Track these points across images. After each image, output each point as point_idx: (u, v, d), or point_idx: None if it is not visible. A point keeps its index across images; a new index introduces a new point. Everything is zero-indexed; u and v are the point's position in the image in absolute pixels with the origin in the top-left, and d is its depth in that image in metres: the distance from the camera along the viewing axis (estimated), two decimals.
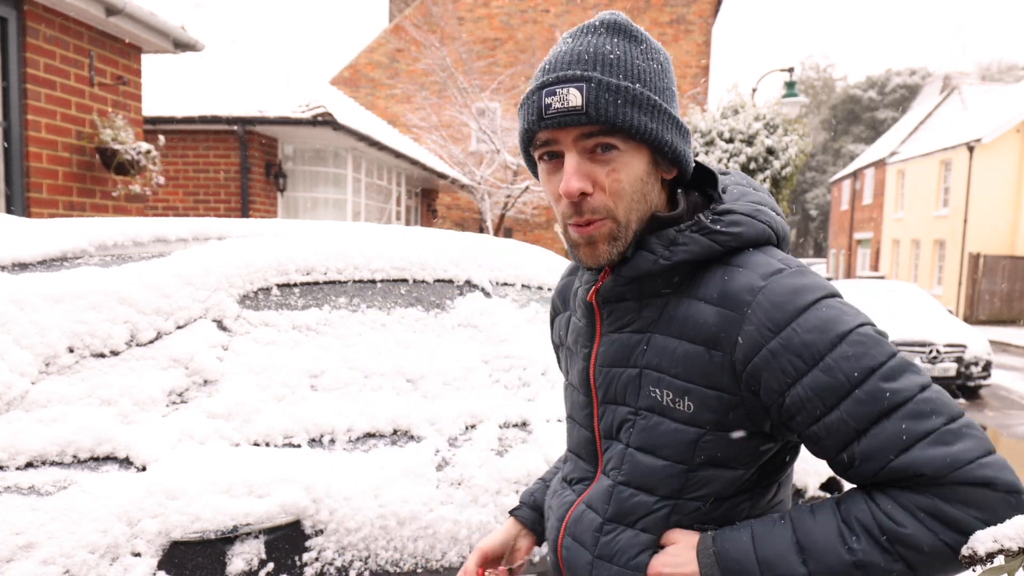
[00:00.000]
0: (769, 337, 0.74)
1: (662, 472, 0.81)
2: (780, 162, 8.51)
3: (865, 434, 0.71)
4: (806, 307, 0.74)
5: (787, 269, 0.77)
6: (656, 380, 0.81)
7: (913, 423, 0.70)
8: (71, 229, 1.40)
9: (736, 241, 0.80)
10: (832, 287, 0.77)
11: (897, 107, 36.82)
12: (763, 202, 0.84)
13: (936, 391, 0.72)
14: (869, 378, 0.71)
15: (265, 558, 1.23)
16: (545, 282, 1.93)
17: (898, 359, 0.72)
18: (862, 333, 0.73)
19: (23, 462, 1.10)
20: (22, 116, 3.74)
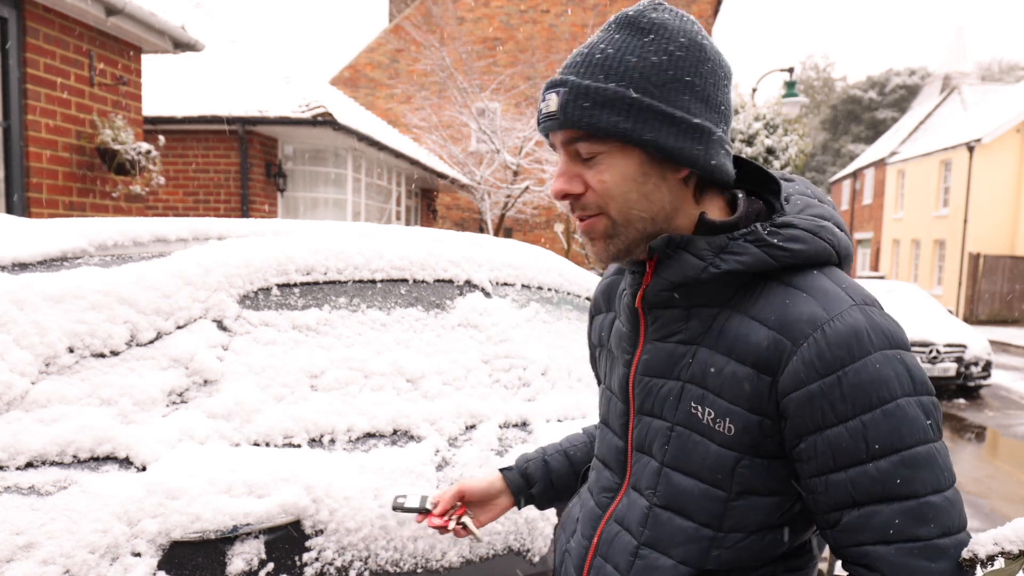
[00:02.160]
0: (814, 378, 0.70)
1: (701, 497, 0.78)
2: (780, 162, 8.50)
3: (858, 508, 0.70)
4: (863, 355, 0.69)
5: (854, 304, 0.72)
6: (700, 397, 0.78)
7: (908, 522, 0.68)
8: (71, 229, 1.40)
9: (794, 258, 0.75)
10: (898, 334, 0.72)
11: (897, 107, 36.81)
12: (828, 216, 0.79)
13: (947, 498, 0.69)
14: (888, 456, 0.68)
15: (265, 558, 1.23)
16: (545, 282, 1.93)
17: (928, 449, 0.68)
18: (902, 406, 0.68)
19: (23, 462, 1.10)
20: (22, 116, 3.74)
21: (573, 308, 1.99)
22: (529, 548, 1.56)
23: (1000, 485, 4.87)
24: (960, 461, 5.44)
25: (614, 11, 11.92)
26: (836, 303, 0.72)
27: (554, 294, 1.95)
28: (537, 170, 11.85)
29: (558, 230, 13.86)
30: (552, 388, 1.76)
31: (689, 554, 0.78)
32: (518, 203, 12.08)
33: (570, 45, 14.94)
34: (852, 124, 39.07)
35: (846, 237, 0.80)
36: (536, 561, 1.57)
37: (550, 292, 1.94)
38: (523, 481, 1.13)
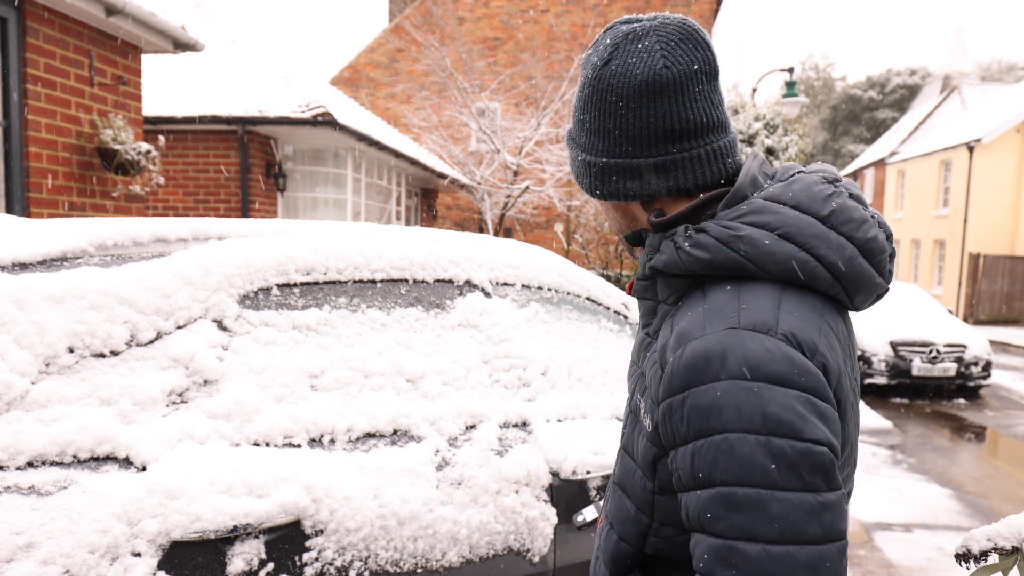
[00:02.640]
0: (669, 394, 0.70)
1: (637, 483, 0.80)
2: (780, 162, 8.51)
3: (692, 532, 0.69)
4: (710, 379, 0.67)
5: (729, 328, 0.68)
6: (643, 389, 0.80)
7: (712, 561, 0.65)
8: (71, 229, 1.40)
9: (698, 266, 0.73)
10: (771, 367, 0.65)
11: (897, 107, 36.79)
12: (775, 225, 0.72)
13: (765, 550, 0.63)
14: (708, 488, 0.66)
15: (265, 558, 1.23)
16: (545, 282, 1.93)
17: (752, 492, 0.63)
18: (730, 441, 0.65)
19: (23, 462, 1.10)
20: (22, 116, 3.74)
21: (573, 308, 1.99)
22: (529, 548, 1.56)
23: (1000, 485, 4.87)
24: (960, 461, 5.44)
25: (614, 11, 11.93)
26: (712, 323, 0.69)
27: (554, 294, 1.95)
28: (537, 170, 11.85)
29: (558, 230, 13.85)
30: (552, 388, 1.76)
31: (628, 534, 0.81)
32: (518, 203, 12.08)
33: (570, 45, 14.94)
34: (852, 124, 39.05)
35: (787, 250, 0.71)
36: (536, 561, 1.57)
37: (550, 292, 1.94)
38: None
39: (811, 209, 0.73)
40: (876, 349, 7.73)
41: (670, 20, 0.78)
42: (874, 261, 0.74)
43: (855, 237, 0.73)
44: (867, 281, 0.74)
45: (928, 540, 3.78)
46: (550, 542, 1.59)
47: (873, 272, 0.74)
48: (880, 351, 7.70)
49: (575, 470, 1.64)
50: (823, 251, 0.71)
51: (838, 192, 0.75)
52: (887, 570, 3.40)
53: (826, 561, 0.63)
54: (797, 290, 0.72)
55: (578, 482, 1.67)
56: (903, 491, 4.63)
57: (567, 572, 1.64)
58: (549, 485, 1.61)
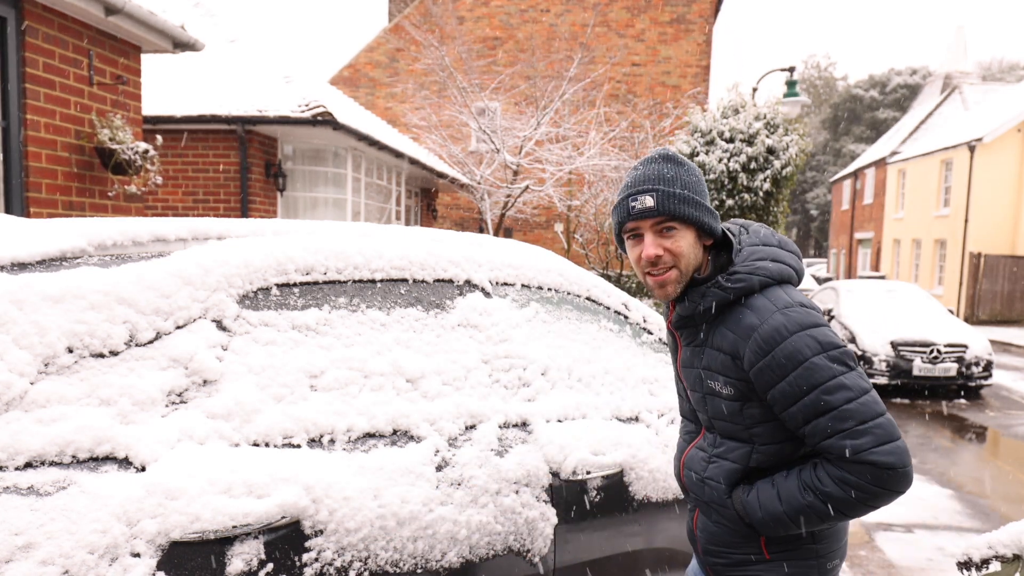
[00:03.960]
0: (759, 358, 1.22)
1: (733, 429, 1.31)
2: (780, 162, 8.49)
3: (809, 423, 1.19)
4: (782, 340, 1.20)
5: (776, 311, 1.22)
6: (711, 376, 1.31)
7: (836, 423, 1.17)
8: (70, 229, 1.40)
9: (742, 291, 1.26)
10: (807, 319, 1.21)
11: (898, 107, 36.76)
12: (766, 256, 1.29)
13: (859, 403, 1.16)
14: (814, 391, 1.18)
15: (265, 558, 1.22)
16: (545, 282, 1.93)
17: (836, 380, 1.17)
18: (815, 361, 1.18)
19: (22, 462, 1.10)
20: (21, 116, 3.74)
21: (573, 308, 1.99)
22: (529, 548, 1.56)
23: (1001, 485, 4.86)
24: (961, 461, 5.43)
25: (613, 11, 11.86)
26: (765, 313, 1.23)
27: (554, 294, 1.94)
28: (537, 170, 11.85)
29: (558, 230, 13.84)
30: (552, 388, 1.76)
31: (739, 458, 1.31)
32: (518, 203, 12.07)
33: (570, 45, 14.92)
34: (853, 124, 39.01)
35: (781, 266, 1.29)
36: (536, 561, 1.57)
37: (550, 292, 1.94)
38: None
39: (770, 242, 1.33)
40: (877, 349, 7.72)
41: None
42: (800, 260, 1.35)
43: (791, 250, 1.34)
44: (802, 272, 1.33)
45: (929, 540, 3.77)
46: (550, 542, 1.59)
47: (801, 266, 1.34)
48: (881, 351, 7.70)
49: (575, 470, 1.64)
50: (789, 261, 1.32)
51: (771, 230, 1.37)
52: (888, 570, 3.40)
53: (877, 400, 1.18)
54: (788, 285, 1.30)
55: (578, 482, 1.66)
56: None
57: (567, 572, 1.64)
58: (549, 485, 1.61)
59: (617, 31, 15.47)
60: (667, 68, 15.62)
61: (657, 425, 1.92)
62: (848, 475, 1.16)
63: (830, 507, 1.19)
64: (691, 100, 14.83)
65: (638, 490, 1.79)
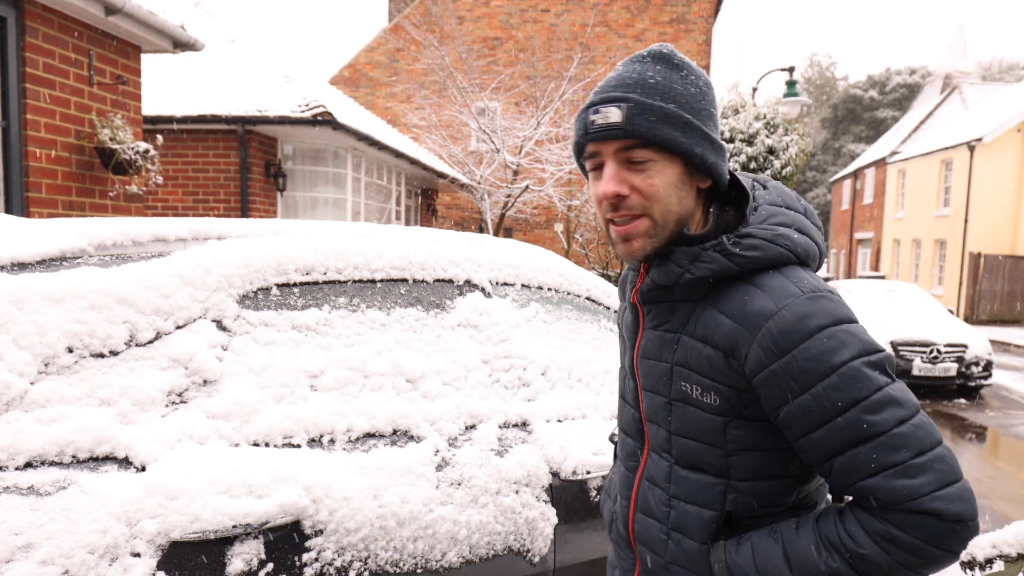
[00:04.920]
0: (773, 360, 0.84)
1: (706, 454, 0.93)
2: (780, 162, 8.50)
3: (842, 454, 0.82)
4: (808, 335, 0.83)
5: (800, 295, 0.85)
6: (687, 376, 0.93)
7: (884, 454, 0.80)
8: (70, 229, 1.40)
9: (753, 264, 0.89)
10: (842, 312, 0.85)
11: (898, 106, 36.74)
12: (790, 222, 0.92)
13: (913, 425, 0.81)
14: (851, 409, 0.81)
15: (265, 558, 1.22)
16: (545, 282, 1.93)
17: (883, 393, 0.81)
18: (854, 367, 0.81)
19: (22, 462, 1.10)
20: (21, 116, 3.74)
21: (573, 308, 1.99)
22: (529, 548, 1.56)
23: (1001, 485, 4.86)
24: (961, 461, 5.41)
25: (613, 11, 11.87)
26: (785, 297, 0.85)
27: (554, 294, 1.94)
28: (537, 170, 11.84)
29: (558, 230, 13.84)
30: (552, 388, 1.76)
31: (709, 500, 0.93)
32: (518, 203, 12.07)
33: (570, 44, 14.92)
34: (852, 123, 39.00)
35: (808, 240, 0.92)
36: (536, 561, 1.57)
37: (550, 292, 1.94)
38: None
39: (794, 206, 0.94)
40: None
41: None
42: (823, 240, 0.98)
43: (817, 224, 0.96)
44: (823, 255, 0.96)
45: None
46: (550, 542, 1.59)
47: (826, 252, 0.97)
48: None
49: (575, 470, 1.64)
50: (817, 237, 0.94)
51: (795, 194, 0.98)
52: None
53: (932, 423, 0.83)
54: (809, 268, 0.92)
55: (578, 482, 1.66)
56: None
57: (567, 572, 1.64)
58: (549, 485, 1.61)
59: (617, 31, 15.47)
60: None
61: None
62: (897, 531, 0.79)
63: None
64: None
65: None
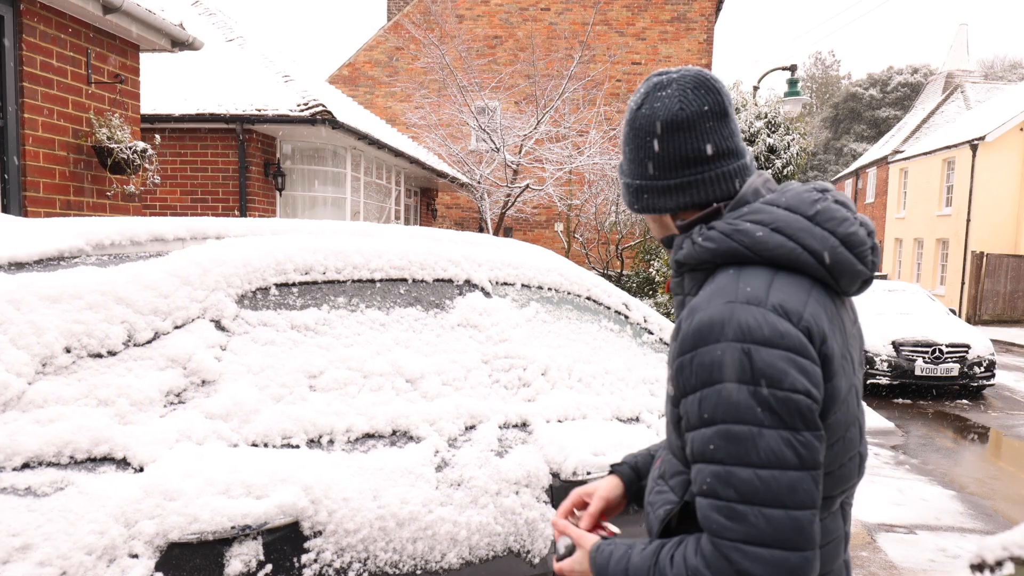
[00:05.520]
0: (683, 354, 0.87)
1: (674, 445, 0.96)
2: (782, 161, 8.48)
3: (695, 463, 0.85)
4: (711, 342, 0.83)
5: (728, 301, 0.85)
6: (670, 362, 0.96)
7: (715, 483, 0.82)
8: (68, 228, 1.39)
9: (709, 255, 0.91)
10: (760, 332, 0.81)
11: (899, 105, 36.70)
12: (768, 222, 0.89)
13: (755, 474, 0.79)
14: (711, 426, 0.83)
15: (263, 559, 1.22)
16: (545, 282, 1.92)
17: (744, 429, 0.80)
18: (729, 389, 0.81)
19: (20, 463, 1.09)
20: (19, 114, 3.73)
21: (573, 308, 1.98)
22: (529, 549, 1.55)
23: (1003, 486, 4.85)
24: (963, 462, 5.43)
25: (613, 9, 11.82)
26: (715, 298, 0.86)
27: (554, 294, 1.94)
28: (537, 169, 11.84)
29: (558, 229, 13.84)
30: (552, 388, 1.75)
31: (675, 485, 0.95)
32: (518, 202, 12.07)
33: (570, 43, 14.92)
34: (854, 122, 38.96)
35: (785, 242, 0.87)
36: (536, 562, 1.56)
37: (550, 292, 1.93)
38: (634, 475, 1.15)
39: (799, 209, 0.90)
40: (879, 349, 7.71)
41: (689, 72, 0.96)
42: (855, 252, 0.89)
43: (837, 232, 0.89)
44: (848, 267, 0.89)
45: (931, 541, 3.76)
46: (550, 543, 1.58)
47: (854, 260, 0.89)
48: (883, 351, 7.69)
49: (575, 471, 1.63)
50: (808, 241, 0.88)
51: (824, 198, 0.92)
52: (889, 571, 3.39)
53: (803, 484, 0.79)
54: (789, 273, 0.88)
55: (579, 483, 1.66)
56: (906, 492, 4.61)
57: None
58: (549, 486, 1.60)
59: (617, 30, 15.45)
60: (668, 67, 15.60)
61: (658, 426, 1.91)
62: (702, 570, 0.81)
63: None
64: None
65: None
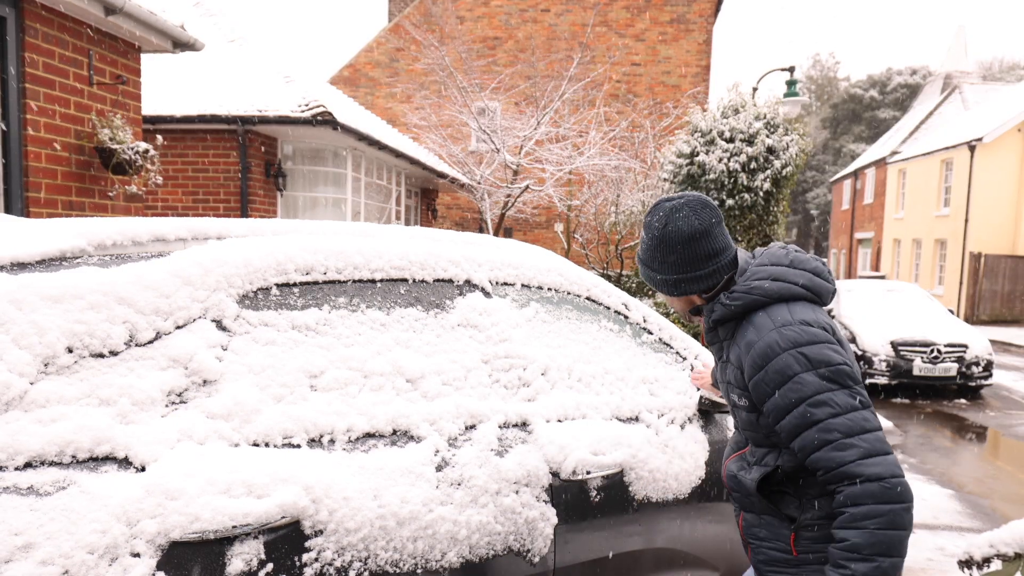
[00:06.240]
0: (755, 373, 1.33)
1: (758, 437, 1.43)
2: (780, 161, 8.48)
3: (798, 436, 1.28)
4: (774, 356, 1.30)
5: (773, 328, 1.32)
6: (732, 388, 1.44)
7: (822, 435, 1.25)
8: (70, 229, 1.40)
9: (742, 308, 1.38)
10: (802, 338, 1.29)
11: (898, 106, 36.71)
12: (766, 276, 1.39)
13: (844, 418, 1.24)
14: (800, 405, 1.27)
15: (264, 558, 1.22)
16: (545, 282, 1.93)
17: (823, 396, 1.26)
18: (800, 378, 1.27)
19: (22, 462, 1.10)
20: (21, 116, 3.74)
21: (573, 308, 1.99)
22: (529, 548, 1.56)
23: (1001, 485, 4.86)
24: (961, 461, 5.43)
25: (613, 10, 11.79)
26: (763, 330, 1.34)
27: (554, 294, 1.94)
28: (537, 169, 11.85)
29: (558, 230, 13.84)
30: (552, 388, 1.76)
31: (770, 460, 1.41)
32: (518, 203, 12.07)
33: (570, 44, 14.93)
34: (853, 123, 38.97)
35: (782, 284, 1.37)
36: (536, 561, 1.57)
37: (550, 292, 1.93)
38: None
39: (780, 262, 1.43)
40: (877, 349, 7.71)
41: (692, 196, 1.41)
42: (822, 277, 1.43)
43: (807, 268, 1.43)
44: (822, 288, 1.42)
45: (929, 540, 3.77)
46: (550, 542, 1.59)
47: (823, 282, 1.42)
48: (881, 351, 7.69)
49: (575, 470, 1.64)
50: (794, 278, 1.39)
51: (789, 250, 1.46)
52: None
53: (871, 416, 1.27)
54: (795, 300, 1.38)
55: (578, 482, 1.66)
56: None
57: (567, 572, 1.64)
58: (549, 485, 1.61)
59: (617, 31, 15.46)
60: (667, 68, 15.61)
61: (657, 425, 1.92)
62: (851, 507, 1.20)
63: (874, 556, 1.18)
64: (691, 100, 14.82)
65: (638, 490, 1.79)
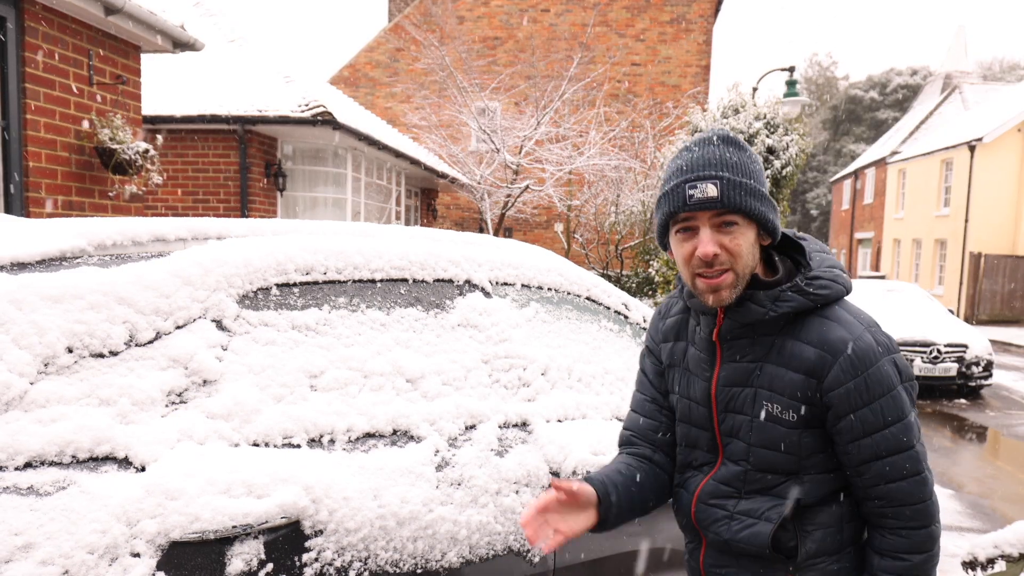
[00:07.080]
0: (850, 379, 1.09)
1: (782, 460, 1.15)
2: (781, 162, 8.48)
3: (880, 459, 1.09)
4: (876, 363, 1.09)
5: (864, 328, 1.11)
6: (769, 397, 1.14)
7: (912, 464, 1.09)
8: (70, 229, 1.40)
9: (824, 299, 1.13)
10: (889, 343, 1.12)
11: (898, 107, 36.71)
12: (835, 265, 1.17)
13: (922, 444, 1.12)
14: (897, 423, 1.09)
15: (264, 558, 1.22)
16: (545, 282, 1.93)
17: (913, 416, 1.11)
18: (899, 391, 1.10)
19: (22, 462, 1.10)
20: (21, 116, 3.74)
21: (573, 308, 1.99)
22: (529, 548, 1.56)
23: (1001, 485, 4.86)
24: (961, 461, 5.43)
25: (613, 10, 11.80)
26: (854, 328, 1.11)
27: (554, 294, 1.94)
28: (537, 169, 11.85)
29: (558, 230, 13.85)
30: (552, 388, 1.76)
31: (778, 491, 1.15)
32: (518, 203, 12.07)
33: (570, 44, 14.92)
34: (853, 124, 38.97)
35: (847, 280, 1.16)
36: (536, 561, 1.57)
37: (550, 292, 1.93)
38: (604, 490, 1.19)
39: (828, 251, 1.20)
40: None
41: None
42: None
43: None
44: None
45: None
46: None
47: None
48: None
49: (575, 470, 1.64)
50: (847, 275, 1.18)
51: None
52: None
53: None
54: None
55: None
56: None
57: (567, 572, 1.64)
58: (549, 485, 1.61)
59: (617, 31, 15.47)
60: (667, 68, 15.62)
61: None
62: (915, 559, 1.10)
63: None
64: (691, 100, 14.82)
65: None
